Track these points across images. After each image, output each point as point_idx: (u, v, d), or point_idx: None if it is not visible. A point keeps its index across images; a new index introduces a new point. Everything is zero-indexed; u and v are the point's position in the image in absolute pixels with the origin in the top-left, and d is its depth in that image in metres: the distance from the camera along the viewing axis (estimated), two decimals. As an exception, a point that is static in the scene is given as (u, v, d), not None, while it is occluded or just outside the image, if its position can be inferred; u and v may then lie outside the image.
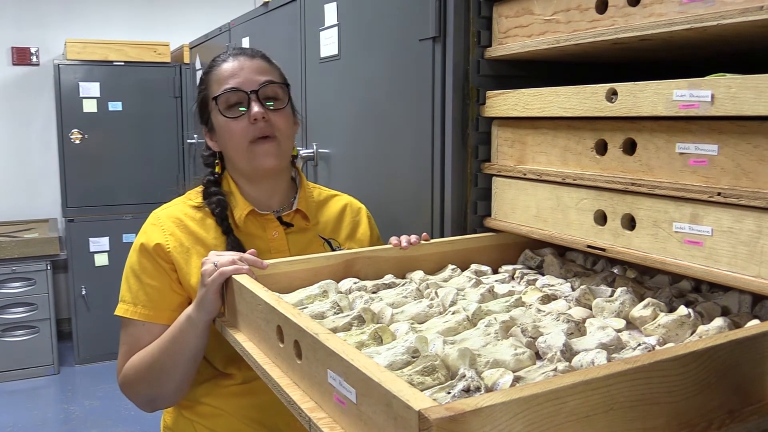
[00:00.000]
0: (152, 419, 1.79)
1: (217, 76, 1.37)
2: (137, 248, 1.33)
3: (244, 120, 1.32)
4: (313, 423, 0.78)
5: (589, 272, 1.29)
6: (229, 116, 1.33)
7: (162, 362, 1.25)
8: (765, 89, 0.88)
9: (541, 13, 1.30)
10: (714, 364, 0.75)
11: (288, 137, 1.38)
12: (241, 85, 1.33)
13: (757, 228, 0.92)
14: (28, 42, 4.82)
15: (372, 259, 1.28)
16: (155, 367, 1.25)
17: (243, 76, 1.34)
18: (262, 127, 1.32)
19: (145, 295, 1.30)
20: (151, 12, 5.18)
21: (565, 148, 1.26)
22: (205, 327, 1.19)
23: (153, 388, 1.28)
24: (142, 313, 1.30)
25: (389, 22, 1.74)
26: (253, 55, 1.39)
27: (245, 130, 1.32)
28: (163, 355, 1.24)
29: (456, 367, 0.81)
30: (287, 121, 1.38)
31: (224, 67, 1.37)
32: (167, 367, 1.25)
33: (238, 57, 1.37)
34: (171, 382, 1.26)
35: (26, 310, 4.28)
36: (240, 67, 1.35)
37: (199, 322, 1.18)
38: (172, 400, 1.33)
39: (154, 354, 1.26)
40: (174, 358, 1.23)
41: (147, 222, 1.37)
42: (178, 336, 1.22)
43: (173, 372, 1.25)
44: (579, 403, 0.64)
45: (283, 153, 1.37)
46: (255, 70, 1.36)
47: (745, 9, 0.91)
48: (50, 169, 4.80)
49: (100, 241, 4.52)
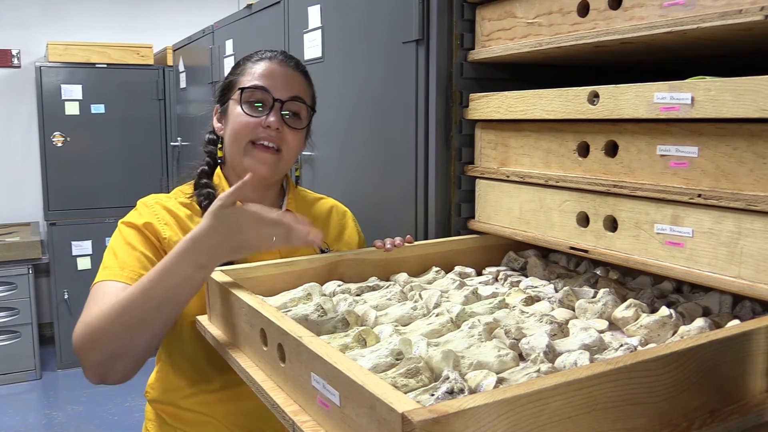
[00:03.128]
0: (135, 424, 1.77)
1: (255, 68, 1.34)
2: (121, 229, 1.28)
3: (257, 120, 1.30)
4: (296, 426, 0.78)
5: (572, 274, 1.30)
6: (246, 111, 1.31)
7: (141, 311, 1.06)
8: (744, 92, 0.89)
9: (524, 16, 1.30)
10: (695, 364, 0.75)
11: (293, 156, 1.36)
12: (272, 89, 1.31)
13: (737, 229, 0.93)
14: (9, 44, 4.77)
15: (356, 262, 1.28)
16: (130, 316, 1.06)
17: (278, 80, 1.32)
18: (271, 135, 1.30)
19: (135, 261, 1.21)
20: (133, 14, 5.14)
21: (547, 151, 1.26)
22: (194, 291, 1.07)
23: (120, 341, 1.07)
24: (129, 277, 1.18)
25: (372, 25, 1.75)
26: (296, 67, 1.37)
27: (253, 129, 1.30)
28: (144, 303, 1.05)
29: (440, 369, 0.81)
30: (297, 141, 1.36)
31: (266, 63, 1.35)
32: (146, 318, 1.06)
33: (283, 62, 1.35)
34: (144, 335, 1.08)
35: (8, 314, 4.23)
36: (279, 72, 1.34)
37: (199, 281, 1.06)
38: (135, 362, 1.12)
39: (132, 301, 1.06)
40: (160, 309, 1.06)
41: (136, 207, 1.33)
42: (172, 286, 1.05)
43: (151, 324, 1.07)
44: (562, 403, 0.65)
45: (280, 168, 1.35)
46: (291, 81, 1.34)
47: (724, 12, 0.92)
48: (32, 172, 4.75)
49: (83, 244, 4.48)
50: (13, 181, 4.83)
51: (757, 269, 0.91)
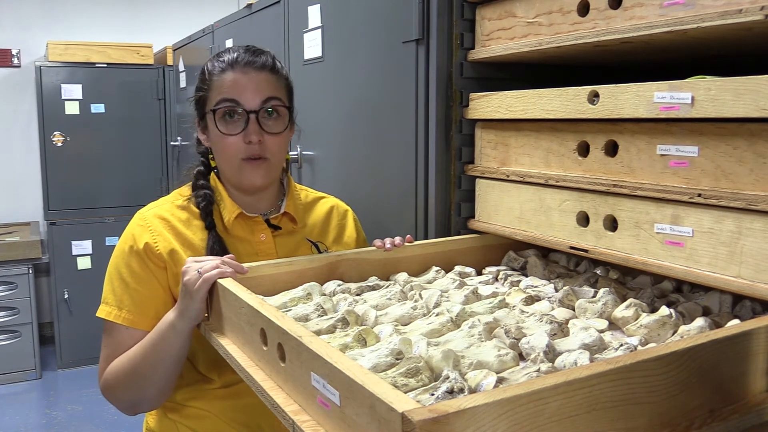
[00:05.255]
0: (136, 424, 1.78)
1: (220, 81, 1.30)
2: (125, 249, 1.30)
3: (238, 138, 1.29)
4: (296, 426, 0.78)
5: (572, 273, 1.30)
6: (223, 132, 1.29)
7: (143, 369, 1.22)
8: (744, 91, 0.89)
9: (524, 16, 1.30)
10: (695, 363, 0.75)
11: (279, 159, 1.35)
12: (243, 102, 1.28)
13: (737, 229, 0.93)
14: (9, 43, 4.77)
15: (356, 262, 1.28)
16: (136, 374, 1.23)
17: (246, 90, 1.29)
18: (255, 150, 1.29)
19: (129, 299, 1.28)
20: (133, 13, 5.14)
21: (547, 150, 1.26)
22: (189, 335, 1.18)
23: (134, 394, 1.27)
24: (127, 318, 1.27)
25: (373, 24, 1.75)
26: (262, 67, 1.31)
27: (238, 148, 1.29)
28: (144, 362, 1.22)
29: (440, 368, 0.81)
30: (281, 144, 1.34)
31: (229, 74, 1.30)
32: (148, 374, 1.23)
33: (247, 66, 1.30)
34: (152, 388, 1.25)
35: (8, 314, 4.23)
36: (244, 81, 1.29)
37: (183, 330, 1.17)
38: (154, 404, 1.32)
39: (135, 360, 1.23)
40: (155, 365, 1.21)
41: (133, 222, 1.34)
42: (160, 343, 1.19)
43: (154, 378, 1.23)
44: (562, 403, 0.65)
45: (272, 173, 1.34)
46: (258, 86, 1.30)
47: (724, 12, 0.92)
48: (32, 171, 4.75)
49: (83, 244, 4.48)
50: (13, 180, 4.83)
51: (757, 269, 0.91)
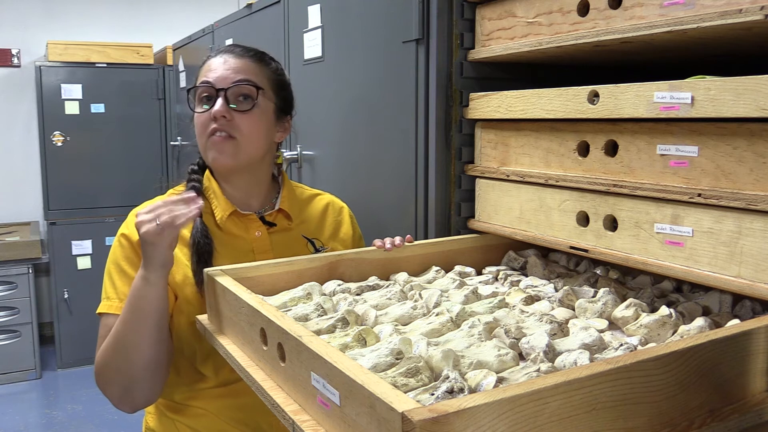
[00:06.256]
0: (135, 424, 1.78)
1: (203, 69, 1.37)
2: (120, 242, 1.31)
3: (208, 114, 1.32)
4: (296, 425, 0.78)
5: (572, 273, 1.30)
6: (196, 110, 1.35)
7: (126, 336, 1.17)
8: (744, 91, 0.89)
9: (524, 16, 1.30)
10: (695, 363, 0.75)
11: (252, 140, 1.34)
12: (215, 81, 1.33)
13: (737, 228, 0.93)
14: (8, 43, 4.77)
15: (356, 261, 1.28)
16: (121, 344, 1.18)
17: (220, 72, 1.33)
18: (221, 124, 1.31)
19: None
20: (134, 13, 5.14)
21: (547, 150, 1.26)
22: (164, 283, 1.17)
23: (123, 371, 1.20)
24: None
25: (372, 24, 1.75)
26: (242, 54, 1.37)
27: (206, 125, 1.33)
28: (125, 328, 1.17)
29: (440, 368, 0.81)
30: (253, 123, 1.34)
31: (210, 61, 1.37)
32: (133, 341, 1.17)
33: (225, 54, 1.36)
34: (139, 357, 1.18)
35: (8, 314, 4.23)
36: (219, 62, 1.35)
37: (157, 282, 1.15)
38: (147, 389, 1.24)
39: (118, 330, 1.18)
40: (138, 329, 1.17)
41: (128, 220, 1.34)
42: (137, 302, 1.16)
43: (140, 344, 1.17)
44: (561, 403, 0.65)
45: (242, 154, 1.34)
46: (235, 69, 1.34)
47: (724, 12, 0.92)
48: (32, 171, 4.75)
49: (83, 244, 4.48)
50: (13, 180, 4.83)
51: (757, 269, 0.91)
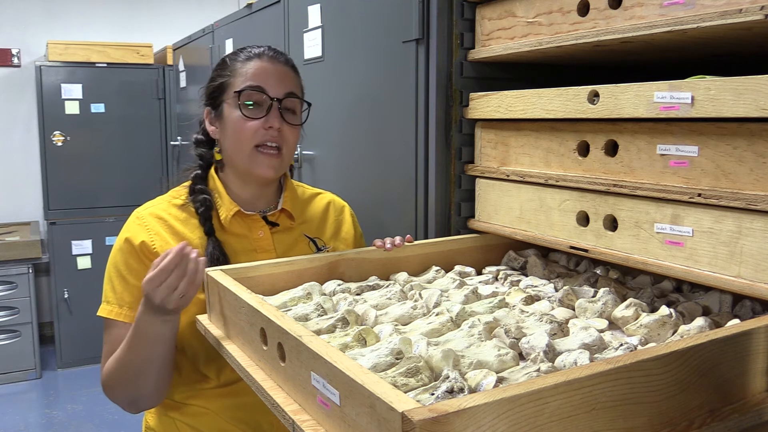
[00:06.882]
0: (135, 423, 1.78)
1: (245, 68, 1.33)
2: (122, 246, 1.31)
3: (259, 122, 1.31)
4: (296, 425, 0.78)
5: (572, 273, 1.30)
6: (246, 114, 1.31)
7: (135, 365, 1.22)
8: (744, 91, 0.89)
9: (524, 16, 1.30)
10: (695, 363, 0.75)
11: (292, 153, 1.38)
12: (268, 89, 1.31)
13: (737, 228, 0.93)
14: (9, 43, 4.77)
15: (356, 261, 1.28)
16: (129, 371, 1.23)
17: (271, 79, 1.32)
18: (273, 136, 1.31)
19: (130, 296, 1.28)
20: (134, 13, 5.14)
21: (547, 150, 1.26)
22: (173, 336, 1.20)
23: (130, 390, 1.26)
24: (128, 315, 1.27)
25: (372, 24, 1.75)
26: (286, 63, 1.37)
27: (256, 133, 1.30)
28: (135, 358, 1.21)
29: (440, 368, 0.81)
30: (297, 137, 1.37)
31: (256, 62, 1.34)
32: (141, 368, 1.22)
33: (273, 59, 1.35)
34: (147, 383, 1.24)
35: (8, 313, 4.23)
36: (272, 69, 1.34)
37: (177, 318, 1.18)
38: (154, 400, 1.31)
39: (124, 357, 1.23)
40: (145, 363, 1.21)
41: (129, 221, 1.34)
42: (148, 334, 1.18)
43: (148, 373, 1.22)
44: (561, 403, 0.65)
45: (283, 167, 1.36)
46: (282, 77, 1.34)
47: (724, 12, 0.92)
48: (32, 171, 4.75)
49: (83, 243, 4.48)
50: (13, 180, 4.83)
51: (757, 269, 0.91)
